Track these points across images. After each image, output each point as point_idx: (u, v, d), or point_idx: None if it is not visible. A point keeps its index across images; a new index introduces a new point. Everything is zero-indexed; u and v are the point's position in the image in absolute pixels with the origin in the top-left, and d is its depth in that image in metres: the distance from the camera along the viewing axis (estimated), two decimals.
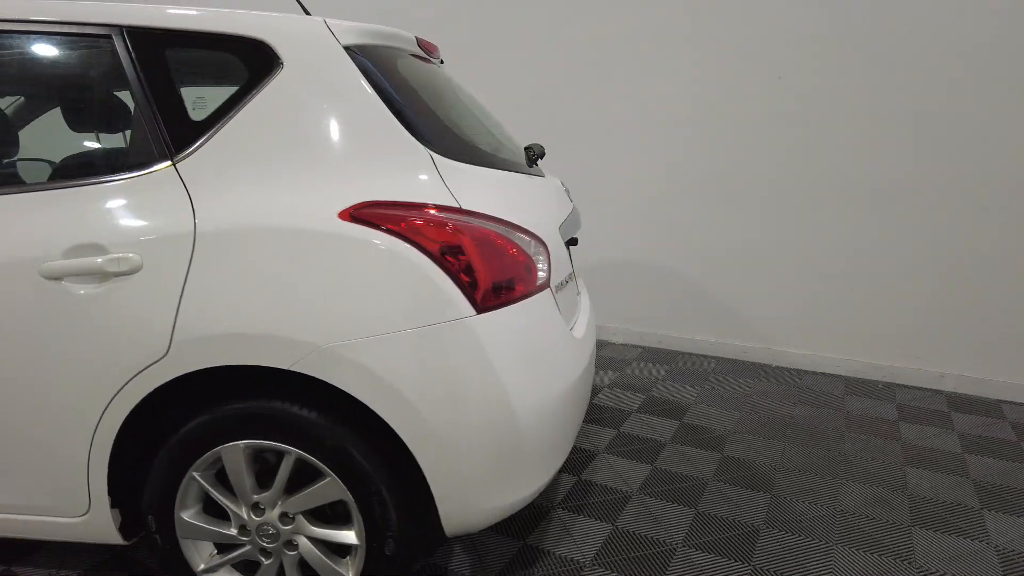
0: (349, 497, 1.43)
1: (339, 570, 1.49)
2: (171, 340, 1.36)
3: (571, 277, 1.85)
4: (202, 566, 1.54)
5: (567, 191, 2.22)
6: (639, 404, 2.96)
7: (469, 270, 1.37)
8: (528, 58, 3.75)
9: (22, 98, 1.57)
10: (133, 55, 1.47)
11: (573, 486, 2.26)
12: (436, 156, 1.49)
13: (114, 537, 1.54)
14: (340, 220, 1.35)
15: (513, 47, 3.78)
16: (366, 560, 1.46)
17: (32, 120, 1.54)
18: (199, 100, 1.75)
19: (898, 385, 3.21)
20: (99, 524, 1.52)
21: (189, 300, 1.36)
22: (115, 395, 1.40)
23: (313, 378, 1.40)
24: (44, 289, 1.39)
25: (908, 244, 3.06)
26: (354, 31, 1.56)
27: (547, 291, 1.60)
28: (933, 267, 3.05)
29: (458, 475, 1.39)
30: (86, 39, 1.49)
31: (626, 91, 3.54)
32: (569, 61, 3.65)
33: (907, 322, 3.14)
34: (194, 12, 1.49)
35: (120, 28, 1.48)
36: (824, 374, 3.36)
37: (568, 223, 1.97)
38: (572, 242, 1.99)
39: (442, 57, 2.23)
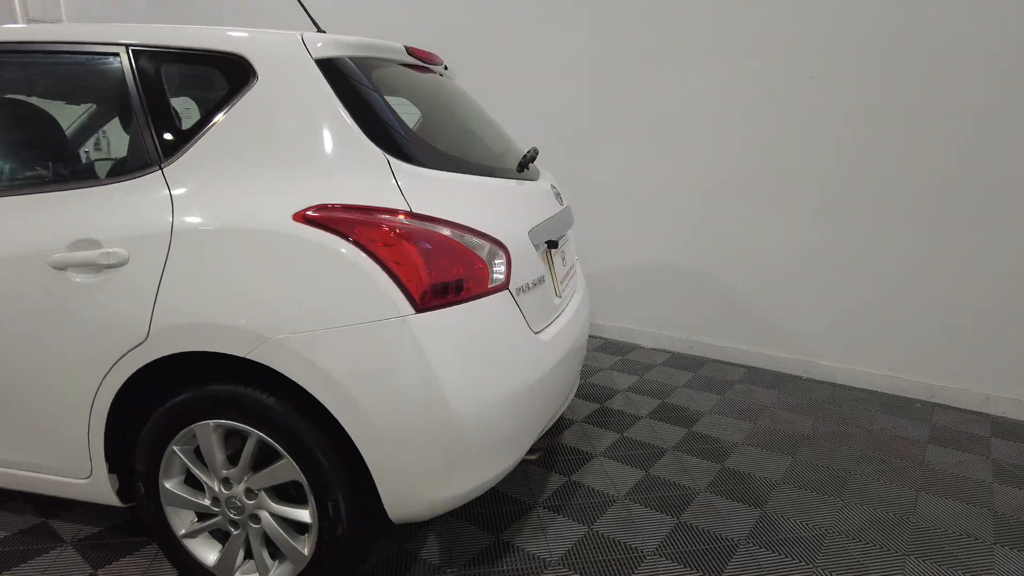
0: (303, 479, 1.54)
1: (296, 546, 1.60)
2: (150, 327, 1.52)
3: (543, 279, 1.88)
4: (183, 531, 1.70)
5: (557, 193, 2.24)
6: (651, 410, 2.93)
7: (410, 270, 1.44)
8: (558, 60, 3.77)
9: (32, 111, 1.80)
10: (135, 70, 1.65)
11: (560, 486, 2.28)
12: (395, 161, 1.57)
13: (113, 500, 1.74)
14: (293, 221, 1.46)
15: (541, 50, 3.81)
16: (319, 539, 1.57)
17: (53, 129, 1.76)
18: None
19: (939, 405, 2.99)
20: (100, 487, 1.72)
21: (165, 292, 1.51)
22: (107, 373, 1.58)
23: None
24: (51, 277, 1.59)
25: (960, 255, 2.84)
26: (330, 44, 1.66)
27: (504, 293, 1.65)
28: (987, 280, 2.81)
29: (397, 466, 1.47)
30: (100, 57, 1.69)
31: (659, 90, 3.48)
32: (599, 61, 3.64)
33: (954, 338, 2.91)
34: (183, 30, 1.65)
35: (127, 46, 1.67)
36: (860, 389, 3.17)
37: (549, 225, 2.00)
38: (552, 244, 2.01)
39: (445, 65, 2.30)
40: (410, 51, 1.99)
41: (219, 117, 1.59)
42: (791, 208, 3.20)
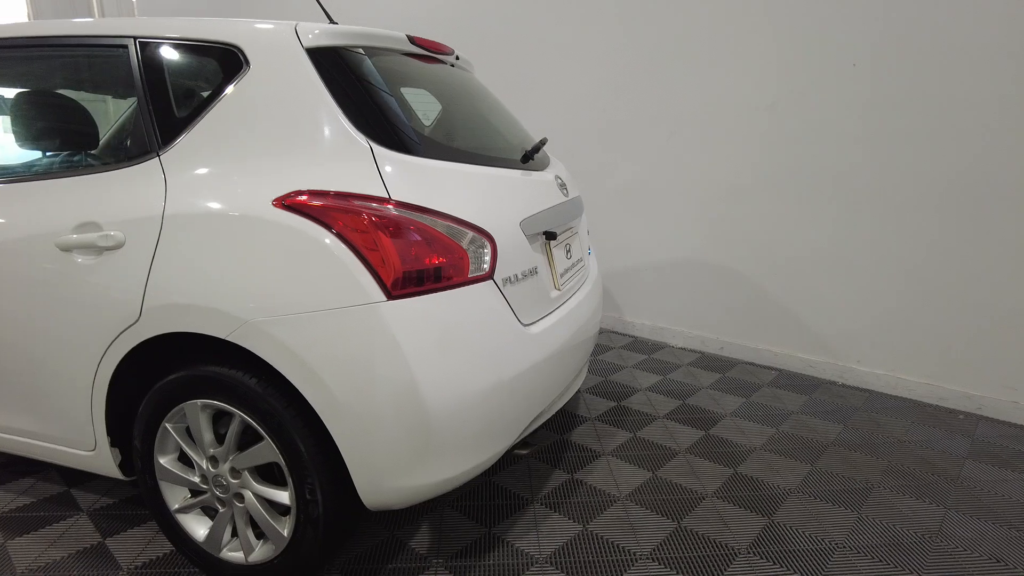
0: (282, 461, 1.56)
1: (275, 526, 1.63)
2: (142, 307, 1.58)
3: (536, 271, 1.84)
4: (176, 506, 1.76)
5: (562, 184, 2.19)
6: (670, 410, 2.83)
7: (381, 257, 1.44)
8: (586, 53, 3.70)
9: (56, 100, 1.89)
10: (140, 61, 1.72)
11: (562, 483, 2.24)
12: (380, 149, 1.56)
13: (116, 472, 1.82)
14: (272, 207, 1.48)
15: (570, 43, 3.75)
16: (297, 521, 1.59)
17: (60, 118, 1.85)
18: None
19: (984, 418, 2.76)
20: (103, 460, 1.80)
21: (155, 274, 1.56)
22: (105, 351, 1.65)
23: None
24: (57, 259, 1.67)
25: (1010, 255, 2.61)
26: (324, 34, 1.68)
27: (488, 283, 1.62)
28: None
29: (368, 453, 1.47)
30: (112, 48, 1.76)
31: (689, 83, 3.36)
32: (627, 55, 3.55)
33: (1004, 345, 2.68)
34: (184, 22, 1.70)
35: (135, 38, 1.74)
36: (896, 397, 2.98)
37: (548, 216, 1.96)
38: (550, 236, 1.97)
39: (457, 55, 2.29)
40: (414, 40, 1.99)
41: (213, 105, 1.63)
42: (827, 205, 3.03)
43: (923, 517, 2.06)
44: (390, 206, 1.49)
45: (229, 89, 1.62)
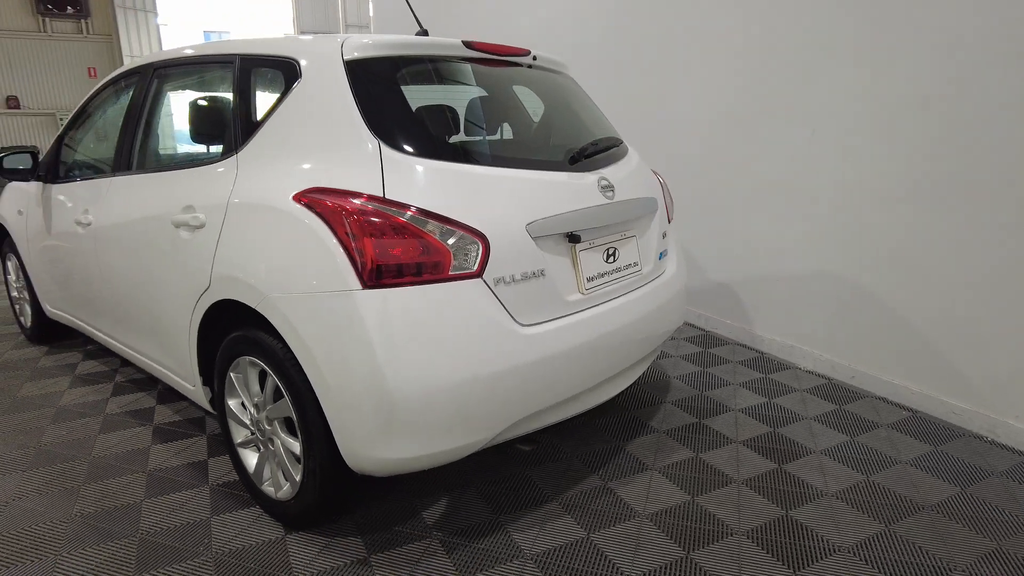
0: (294, 415, 1.83)
1: (292, 471, 1.91)
2: (211, 276, 1.95)
3: (543, 273, 1.84)
4: (239, 440, 2.14)
5: (608, 186, 2.12)
6: (751, 436, 2.59)
7: (360, 249, 1.60)
8: (721, 42, 3.40)
9: (170, 111, 2.39)
10: (236, 74, 2.09)
11: (590, 489, 2.22)
12: (389, 151, 1.73)
13: (208, 407, 2.27)
14: (291, 200, 1.73)
15: (710, 32, 3.47)
16: (305, 470, 1.85)
17: (172, 127, 2.34)
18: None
19: None
20: (200, 395, 2.26)
21: (220, 249, 1.92)
22: (193, 308, 2.07)
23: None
24: (171, 232, 2.13)
25: None
26: (364, 46, 1.88)
27: (475, 281, 1.70)
28: None
29: (345, 422, 1.66)
30: (224, 65, 2.17)
31: (833, 80, 2.94)
32: (765, 47, 3.19)
33: None
34: (264, 41, 2.03)
35: (240, 56, 2.12)
36: None
37: (573, 218, 1.94)
38: (574, 238, 1.95)
39: (535, 55, 2.33)
40: (472, 45, 2.09)
41: (275, 112, 1.93)
42: (993, 219, 2.46)
43: None
44: (379, 203, 1.64)
45: (287, 97, 1.91)
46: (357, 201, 1.65)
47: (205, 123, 2.13)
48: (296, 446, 1.88)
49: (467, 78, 2.22)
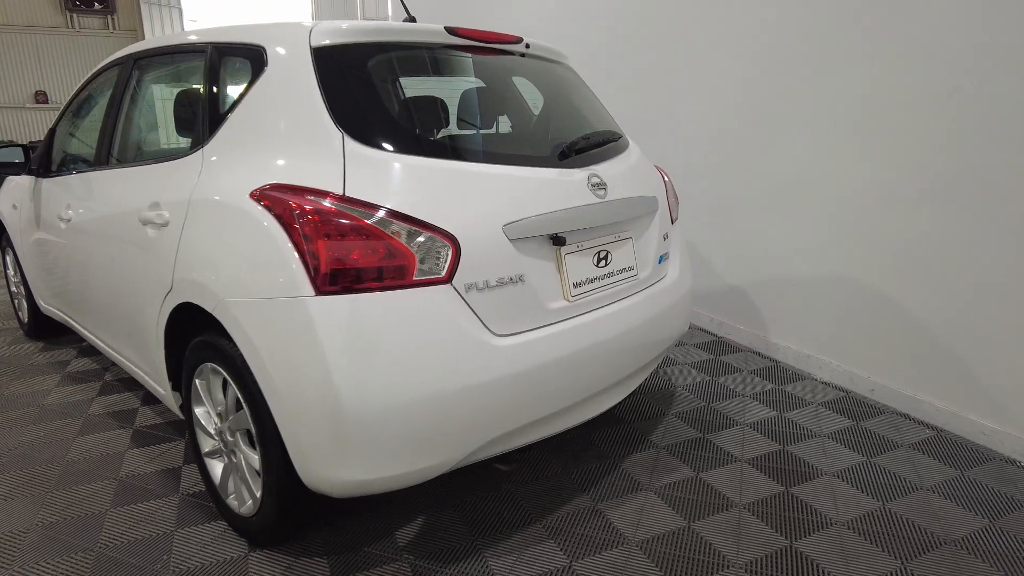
0: (253, 428, 1.71)
1: (252, 486, 1.79)
2: (172, 279, 1.84)
3: (522, 278, 1.69)
4: (205, 450, 2.03)
5: (599, 184, 1.95)
6: (758, 454, 2.40)
7: (314, 252, 1.47)
8: (730, 36, 3.20)
9: (147, 103, 2.28)
10: (208, 64, 1.98)
11: (579, 511, 2.06)
12: (353, 145, 1.59)
13: (179, 412, 2.17)
14: (248, 198, 1.60)
15: (722, 22, 3.27)
16: (263, 488, 1.73)
17: (148, 120, 2.24)
18: None
19: None
20: (172, 402, 2.16)
21: (181, 250, 1.81)
22: (159, 310, 1.96)
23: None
24: (139, 230, 2.02)
25: None
26: (334, 32, 1.74)
27: (443, 288, 1.55)
28: None
29: (298, 439, 1.53)
30: (196, 55, 2.05)
31: (845, 77, 2.72)
32: (777, 41, 2.98)
33: None
34: (234, 27, 1.90)
35: (211, 45, 2.00)
36: None
37: (559, 219, 1.78)
38: (558, 241, 1.79)
39: (527, 43, 2.17)
40: (456, 32, 1.95)
41: (240, 102, 1.81)
42: (1020, 225, 2.24)
43: None
44: (336, 201, 1.51)
45: (253, 87, 1.79)
46: (313, 199, 1.52)
47: (175, 115, 2.02)
48: (253, 459, 1.76)
49: (454, 68, 2.08)
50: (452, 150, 1.73)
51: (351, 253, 1.47)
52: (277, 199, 1.54)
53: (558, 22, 4.72)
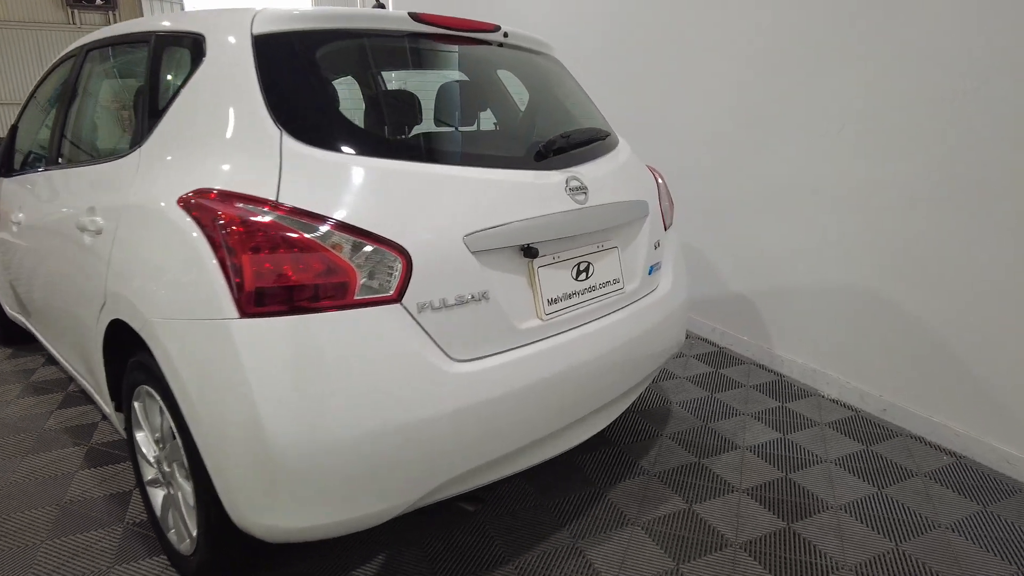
0: (186, 461, 1.53)
1: (189, 523, 1.61)
2: (105, 291, 1.66)
3: (486, 296, 1.50)
4: (148, 477, 1.86)
5: (579, 188, 1.75)
6: (759, 483, 2.20)
7: (238, 268, 1.28)
8: (729, 28, 2.98)
9: (94, 98, 2.10)
10: (151, 54, 1.80)
11: (557, 551, 1.87)
12: (293, 144, 1.41)
13: (123, 433, 1.99)
14: (176, 205, 1.42)
15: (709, 34, 3.05)
16: (198, 526, 1.55)
17: (93, 117, 2.06)
18: None
19: None
20: (118, 422, 1.98)
21: (112, 261, 1.63)
22: (96, 326, 1.79)
23: None
24: (76, 236, 1.85)
25: None
26: (283, 18, 1.56)
27: (392, 308, 1.36)
28: None
29: (225, 478, 1.35)
30: (141, 47, 1.88)
31: (852, 71, 2.51)
32: (777, 33, 2.77)
33: None
34: (178, 13, 1.72)
35: (154, 34, 1.82)
36: None
37: (531, 228, 1.58)
38: (530, 252, 1.59)
39: (506, 32, 1.97)
40: (419, 18, 1.75)
41: (179, 95, 1.63)
42: None
43: None
44: (266, 208, 1.32)
45: (191, 80, 1.61)
46: (242, 206, 1.33)
47: (116, 112, 1.85)
48: (188, 493, 1.58)
49: (423, 60, 1.88)
50: (410, 151, 1.54)
51: (281, 269, 1.29)
52: (203, 207, 1.36)
53: (554, 25, 4.52)
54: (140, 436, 1.82)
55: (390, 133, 1.64)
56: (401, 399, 1.35)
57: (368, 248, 1.34)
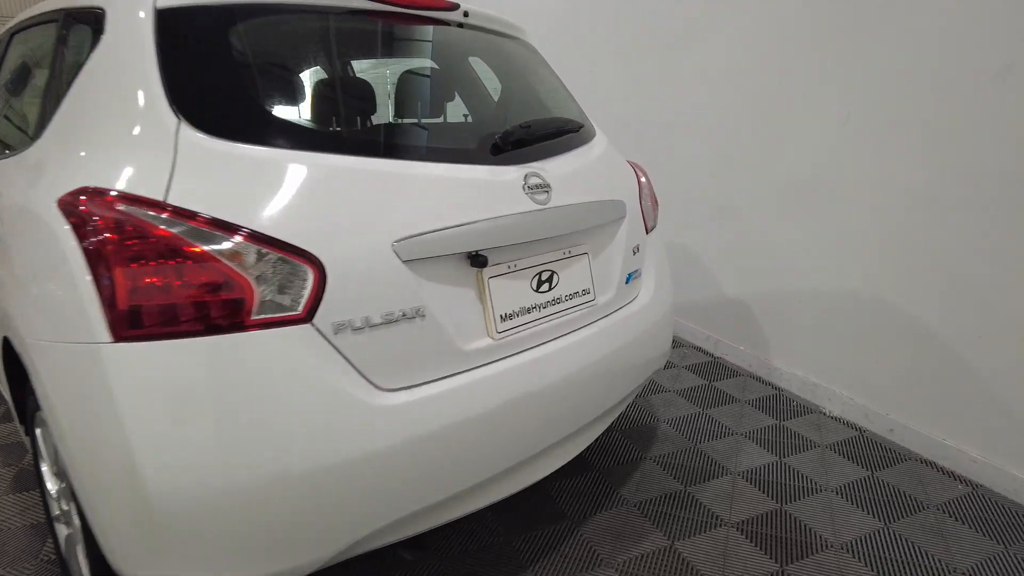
0: (74, 501, 1.31)
1: (80, 560, 1.40)
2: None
3: (421, 312, 1.28)
4: (55, 512, 1.65)
5: (540, 185, 1.53)
6: (752, 516, 1.97)
7: (111, 283, 1.07)
8: (742, 15, 2.75)
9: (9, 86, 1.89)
10: (57, 35, 1.59)
11: None
12: (192, 134, 1.19)
13: None
14: (55, 207, 1.20)
15: (709, 20, 2.83)
16: (86, 560, 1.34)
17: (6, 106, 1.85)
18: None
19: None
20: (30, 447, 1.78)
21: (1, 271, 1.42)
22: None
23: None
24: None
25: None
26: None
27: (299, 329, 1.14)
28: None
29: (102, 524, 1.13)
30: (52, 27, 1.67)
31: (877, 45, 2.27)
32: (793, 21, 2.53)
33: None
34: None
35: (63, 12, 1.61)
36: None
37: (478, 233, 1.37)
38: (478, 261, 1.37)
39: (466, 11, 1.75)
40: None
41: (76, 80, 1.41)
42: None
43: None
44: (150, 210, 1.10)
45: (88, 62, 1.39)
46: (123, 208, 1.11)
47: (18, 100, 1.64)
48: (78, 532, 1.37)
49: (369, 41, 1.66)
50: (336, 143, 1.32)
51: (161, 284, 1.07)
52: (78, 210, 1.14)
53: (554, 8, 4.29)
54: (44, 467, 1.62)
55: (314, 123, 1.42)
56: (312, 438, 1.13)
57: (271, 257, 1.12)
